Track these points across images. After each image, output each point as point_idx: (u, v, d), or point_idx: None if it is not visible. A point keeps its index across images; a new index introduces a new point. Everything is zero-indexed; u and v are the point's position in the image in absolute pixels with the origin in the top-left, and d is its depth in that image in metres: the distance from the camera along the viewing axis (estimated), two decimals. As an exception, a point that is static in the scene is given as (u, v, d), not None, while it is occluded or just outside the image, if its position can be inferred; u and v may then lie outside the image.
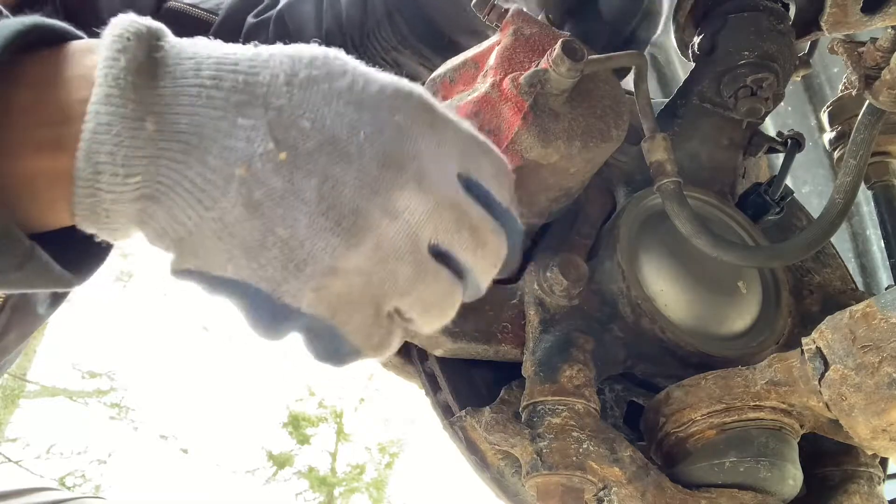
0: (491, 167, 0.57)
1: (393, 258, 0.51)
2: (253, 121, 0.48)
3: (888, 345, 0.63)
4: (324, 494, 12.75)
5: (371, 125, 0.50)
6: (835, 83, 1.88)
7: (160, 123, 0.47)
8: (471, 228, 0.54)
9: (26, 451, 10.20)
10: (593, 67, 0.77)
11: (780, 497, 0.74)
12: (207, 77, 0.49)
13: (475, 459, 0.80)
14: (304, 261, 0.49)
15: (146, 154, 0.47)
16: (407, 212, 0.51)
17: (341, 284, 0.51)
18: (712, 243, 0.82)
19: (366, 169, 0.50)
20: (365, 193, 0.50)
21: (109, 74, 0.47)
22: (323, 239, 0.49)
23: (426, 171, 0.52)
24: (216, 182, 0.48)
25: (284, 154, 0.48)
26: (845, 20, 0.76)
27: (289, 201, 0.49)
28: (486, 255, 0.56)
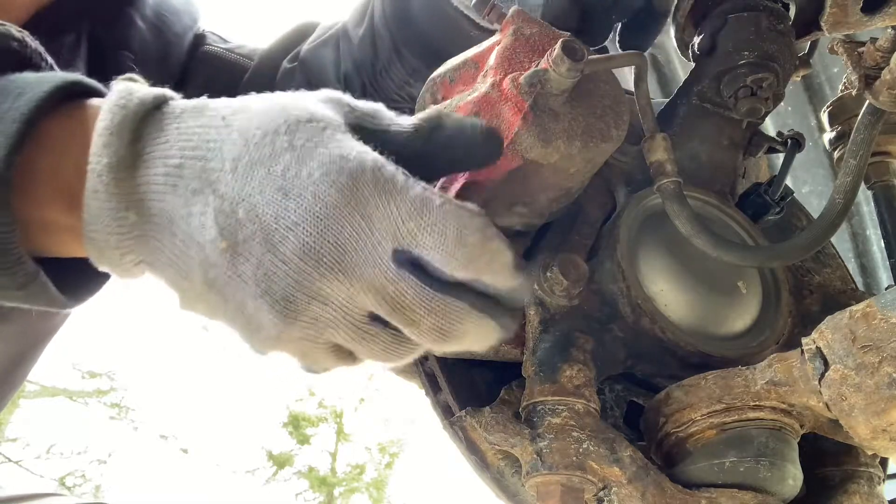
0: (430, 241, 0.55)
1: (331, 329, 0.56)
2: (202, 207, 0.54)
3: (888, 345, 0.63)
4: (324, 494, 12.75)
5: (294, 214, 0.53)
6: (835, 83, 1.89)
7: (139, 212, 0.55)
8: (398, 309, 0.55)
9: (26, 450, 10.21)
10: (593, 67, 0.77)
11: (780, 497, 0.74)
12: (173, 165, 0.55)
13: (475, 459, 0.80)
14: (256, 328, 0.56)
15: (133, 236, 0.55)
16: (332, 296, 0.54)
17: (293, 345, 0.57)
18: (712, 243, 0.82)
19: (288, 260, 0.53)
20: (290, 283, 0.54)
21: (94, 171, 0.54)
22: (265, 316, 0.55)
23: (348, 258, 0.53)
24: (184, 259, 0.55)
25: (224, 243, 0.54)
26: (845, 20, 0.76)
27: (235, 282, 0.54)
28: (423, 333, 0.56)
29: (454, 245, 0.55)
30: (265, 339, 0.56)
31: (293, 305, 0.54)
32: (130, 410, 11.53)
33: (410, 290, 0.55)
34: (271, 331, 0.55)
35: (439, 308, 0.55)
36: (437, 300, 0.55)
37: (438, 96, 0.84)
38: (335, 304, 0.55)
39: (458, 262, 0.55)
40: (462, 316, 0.56)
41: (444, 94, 0.84)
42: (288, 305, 0.54)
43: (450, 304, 0.56)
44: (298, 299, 0.54)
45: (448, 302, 0.56)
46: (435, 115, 0.62)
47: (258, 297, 0.54)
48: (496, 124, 0.76)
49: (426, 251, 0.55)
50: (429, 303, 0.55)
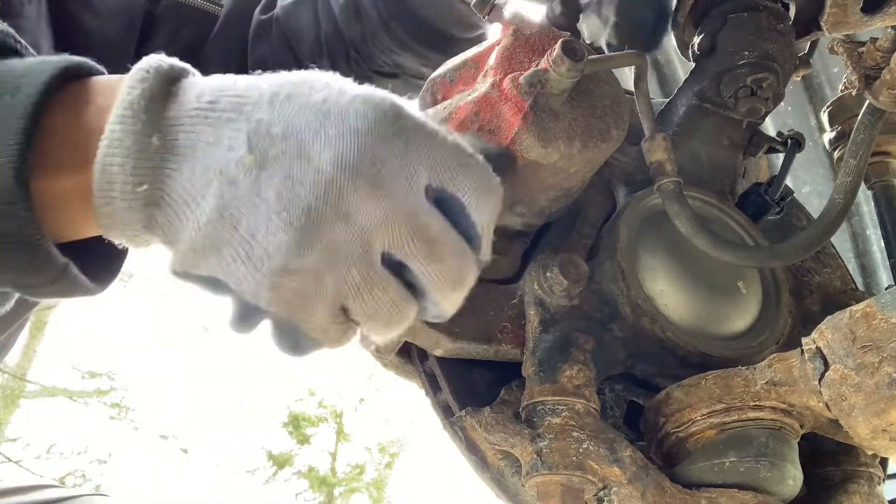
0: (470, 183, 0.56)
1: (343, 261, 0.54)
2: (235, 133, 0.54)
3: (888, 345, 0.63)
4: (324, 494, 12.75)
5: (334, 129, 0.53)
6: (835, 83, 1.88)
7: (163, 139, 0.54)
8: (427, 241, 0.54)
9: (26, 450, 10.20)
10: (593, 67, 0.77)
11: (780, 497, 0.74)
12: (206, 102, 0.55)
13: (475, 459, 0.80)
14: (260, 258, 0.53)
15: (151, 165, 0.54)
16: (359, 215, 0.53)
17: (295, 284, 0.53)
18: (712, 243, 0.82)
19: (322, 169, 0.52)
20: (318, 193, 0.52)
21: (125, 100, 0.54)
22: (277, 237, 0.52)
23: (384, 176, 0.53)
24: (198, 187, 0.54)
25: (251, 157, 0.53)
26: (845, 20, 0.76)
27: (251, 200, 0.53)
28: (443, 274, 0.56)
29: (487, 190, 0.57)
30: (266, 273, 0.53)
31: (314, 220, 0.52)
32: (130, 410, 11.53)
33: (439, 224, 0.55)
34: (278, 258, 0.52)
35: (462, 251, 0.56)
36: (460, 244, 0.56)
37: (439, 96, 0.84)
38: (357, 230, 0.53)
39: (488, 205, 0.57)
40: (472, 265, 0.57)
41: (444, 94, 0.84)
42: (310, 221, 0.52)
43: (468, 252, 0.57)
44: (322, 212, 0.52)
45: (467, 248, 0.57)
46: None
47: (278, 212, 0.52)
48: (496, 124, 0.76)
49: (462, 191, 0.55)
50: (454, 241, 0.56)
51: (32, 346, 10.08)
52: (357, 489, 13.01)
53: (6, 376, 9.86)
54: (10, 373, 9.72)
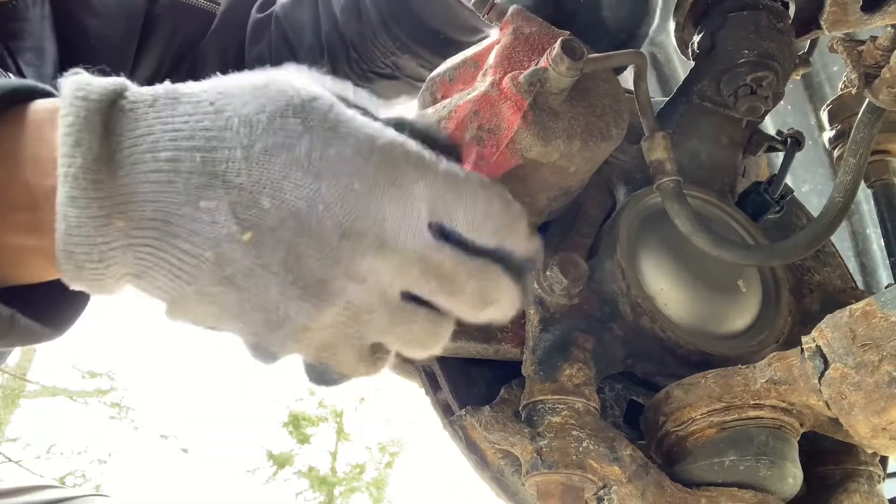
0: (466, 211, 0.55)
1: (365, 312, 0.53)
2: (215, 202, 0.49)
3: (888, 343, 0.63)
4: (324, 494, 12.75)
5: (329, 195, 0.50)
6: (834, 82, 1.88)
7: (127, 217, 0.49)
8: (441, 278, 0.54)
9: (26, 450, 10.21)
10: (593, 66, 0.77)
11: (780, 496, 0.74)
12: (165, 160, 0.49)
13: (475, 458, 0.80)
14: (280, 321, 0.52)
15: (120, 245, 0.50)
16: (371, 275, 0.52)
17: (319, 337, 0.53)
18: (712, 242, 0.82)
19: (326, 241, 0.50)
20: (328, 264, 0.51)
21: (69, 174, 0.48)
22: (294, 304, 0.51)
23: (388, 233, 0.52)
24: (190, 262, 0.50)
25: (248, 235, 0.50)
26: (845, 18, 0.76)
27: (258, 274, 0.51)
28: (466, 301, 0.56)
29: (484, 215, 0.56)
30: (290, 332, 0.52)
31: (328, 288, 0.51)
32: (130, 410, 11.53)
33: (450, 258, 0.54)
34: (299, 320, 0.52)
35: (478, 272, 0.55)
36: (475, 265, 0.55)
37: (438, 95, 0.84)
38: (372, 285, 0.53)
39: (487, 230, 0.56)
40: (498, 279, 0.56)
41: (443, 93, 0.84)
42: (323, 289, 0.51)
43: (487, 268, 0.56)
44: (335, 280, 0.51)
45: (485, 265, 0.56)
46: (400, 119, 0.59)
47: (287, 284, 0.51)
48: (496, 123, 0.76)
49: (459, 222, 0.55)
50: (468, 268, 0.55)
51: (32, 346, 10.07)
52: (357, 489, 13.01)
53: (6, 376, 9.85)
54: (10, 372, 9.72)
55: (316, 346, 0.54)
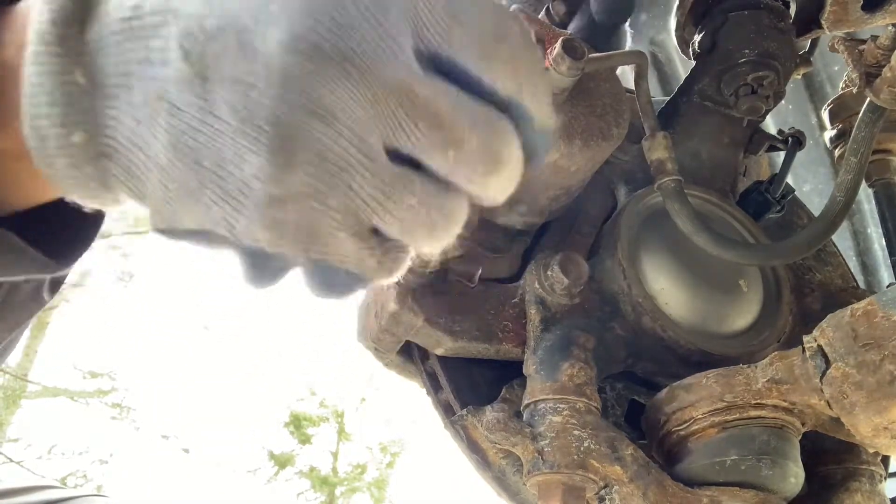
0: (467, 38, 0.41)
1: (340, 171, 0.40)
2: (162, 40, 0.41)
3: (889, 342, 0.63)
4: (325, 494, 12.76)
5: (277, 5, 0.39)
6: (836, 81, 1.88)
7: (88, 73, 0.43)
8: (434, 122, 0.41)
9: (28, 451, 10.21)
10: (594, 66, 0.77)
11: (781, 495, 0.74)
12: (130, 7, 0.42)
13: (477, 458, 0.80)
14: (238, 193, 0.41)
15: (83, 108, 0.43)
16: (341, 111, 0.40)
17: (294, 214, 0.41)
18: (713, 241, 0.82)
19: (274, 62, 0.39)
20: (276, 91, 0.39)
21: (37, 31, 0.42)
22: (249, 163, 0.40)
23: (355, 49, 0.39)
24: (144, 123, 0.42)
25: (189, 67, 0.40)
26: (846, 18, 0.76)
27: (207, 122, 0.41)
28: (468, 159, 0.42)
29: (495, 41, 0.42)
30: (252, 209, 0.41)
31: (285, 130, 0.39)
32: (131, 410, 11.53)
33: (447, 94, 0.41)
34: (261, 190, 0.40)
35: (486, 121, 0.42)
36: (481, 110, 0.42)
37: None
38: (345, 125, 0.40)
39: (500, 67, 0.42)
40: (508, 135, 0.43)
41: (444, 93, 0.84)
42: (279, 132, 0.39)
43: (498, 119, 0.42)
44: (292, 118, 0.39)
45: (496, 116, 0.42)
46: None
47: (238, 134, 0.40)
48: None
49: (461, 50, 0.41)
50: (472, 113, 0.41)
51: (33, 346, 10.08)
52: (358, 489, 13.01)
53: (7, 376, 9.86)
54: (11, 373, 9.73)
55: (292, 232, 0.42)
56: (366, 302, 0.85)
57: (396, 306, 0.78)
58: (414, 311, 0.78)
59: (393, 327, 0.80)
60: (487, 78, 0.42)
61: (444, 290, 0.80)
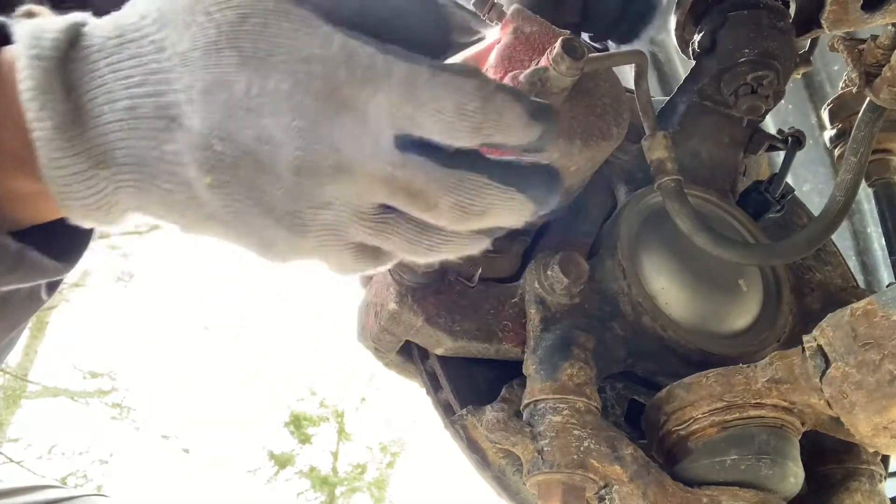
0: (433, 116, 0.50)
1: (344, 229, 0.53)
2: (176, 146, 0.50)
3: (889, 342, 0.63)
4: (325, 494, 12.76)
5: (275, 132, 0.49)
6: (835, 81, 1.88)
7: (107, 164, 0.51)
8: (412, 195, 0.51)
9: (28, 451, 10.21)
10: (593, 65, 0.77)
11: (781, 495, 0.74)
12: (123, 108, 0.50)
13: (476, 458, 0.80)
14: (269, 244, 0.54)
15: (112, 189, 0.51)
16: (337, 198, 0.51)
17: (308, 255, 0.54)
18: (713, 241, 0.82)
19: (282, 177, 0.50)
20: (290, 199, 0.51)
21: (43, 138, 0.49)
22: (275, 233, 0.52)
23: (345, 160, 0.50)
24: (174, 200, 0.52)
25: (209, 178, 0.50)
26: (846, 17, 0.76)
27: (234, 210, 0.51)
28: (442, 216, 0.52)
29: (455, 118, 0.50)
30: (280, 253, 0.54)
31: (300, 219, 0.52)
32: (132, 410, 11.53)
33: (420, 172, 0.50)
34: (284, 245, 0.53)
35: (455, 183, 0.51)
36: (450, 176, 0.51)
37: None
38: (342, 205, 0.52)
39: (461, 133, 0.51)
40: (481, 188, 0.52)
41: (444, 93, 0.84)
42: (295, 220, 0.52)
43: (466, 178, 0.51)
44: (302, 212, 0.51)
45: (463, 175, 0.51)
46: None
47: (262, 217, 0.51)
48: (496, 123, 0.76)
49: (427, 132, 0.50)
50: (443, 180, 0.51)
51: (34, 346, 10.08)
52: (358, 489, 13.01)
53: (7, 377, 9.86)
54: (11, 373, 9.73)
55: (313, 259, 0.55)
56: (365, 302, 0.86)
57: (396, 306, 0.78)
58: (414, 311, 0.78)
59: (393, 327, 0.80)
60: (457, 143, 0.51)
61: (444, 290, 0.80)
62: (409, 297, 0.78)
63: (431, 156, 0.51)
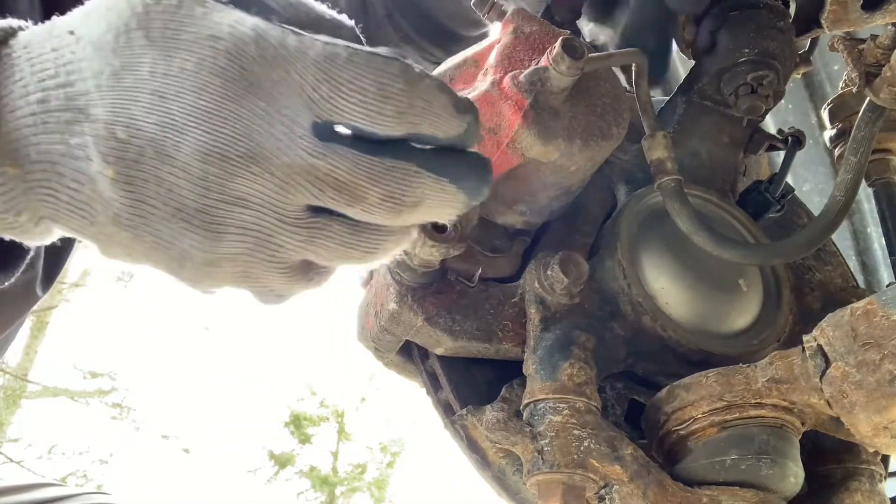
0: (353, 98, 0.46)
1: (266, 236, 0.48)
2: (80, 138, 0.47)
3: (889, 342, 0.63)
4: (325, 494, 12.75)
5: (181, 116, 0.45)
6: (835, 80, 1.88)
7: (16, 163, 0.48)
8: (335, 186, 0.47)
9: (28, 451, 10.21)
10: (593, 65, 0.77)
11: (781, 495, 0.74)
12: (36, 101, 0.47)
13: (476, 458, 0.80)
14: (181, 257, 0.48)
15: (21, 190, 0.48)
16: (253, 195, 0.47)
17: (228, 269, 0.49)
18: (713, 241, 0.82)
19: (189, 166, 0.46)
20: (199, 192, 0.46)
21: None
22: (186, 237, 0.47)
23: (257, 148, 0.46)
24: (83, 201, 0.48)
25: (111, 170, 0.46)
26: (846, 17, 0.76)
27: (140, 211, 0.47)
28: (373, 209, 0.48)
29: (378, 100, 0.46)
30: (198, 268, 0.48)
31: (211, 216, 0.47)
32: (132, 410, 11.53)
33: (344, 161, 0.46)
34: (199, 256, 0.47)
35: (383, 173, 0.47)
36: (378, 165, 0.47)
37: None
38: (262, 204, 0.47)
39: (386, 119, 0.47)
40: (412, 178, 0.48)
41: (444, 93, 0.84)
42: (206, 219, 0.46)
43: (395, 167, 0.47)
44: (215, 208, 0.46)
45: (392, 164, 0.47)
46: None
47: (171, 218, 0.46)
48: (496, 122, 0.76)
49: (348, 115, 0.46)
50: (370, 169, 0.47)
51: (33, 346, 10.08)
52: (358, 489, 13.01)
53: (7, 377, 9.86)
54: (11, 373, 9.73)
55: (229, 279, 0.49)
56: (365, 302, 0.86)
57: (396, 306, 0.78)
58: (414, 311, 0.78)
59: (392, 327, 0.80)
60: (379, 130, 0.47)
61: (444, 289, 0.80)
62: (409, 297, 0.78)
63: (356, 146, 0.47)
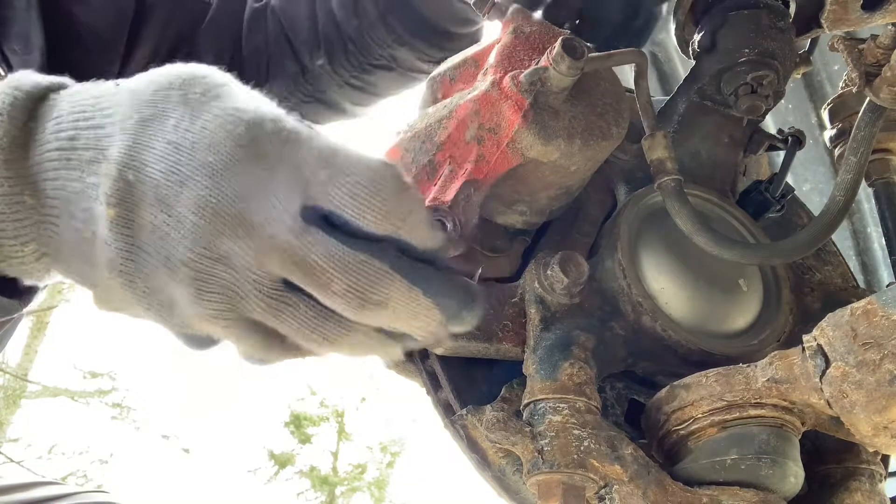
0: (345, 191, 0.49)
1: (241, 298, 0.50)
2: (96, 178, 0.49)
3: (889, 342, 0.63)
4: (325, 494, 12.76)
5: (187, 168, 0.48)
6: (835, 80, 1.88)
7: (35, 194, 0.50)
8: (304, 269, 0.49)
9: (28, 451, 10.21)
10: (593, 65, 0.77)
11: (781, 495, 0.74)
12: (66, 138, 0.50)
13: (476, 458, 0.80)
14: (169, 305, 0.51)
15: (33, 222, 0.51)
16: (234, 257, 0.49)
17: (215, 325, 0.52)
18: (713, 241, 0.82)
19: (183, 217, 0.48)
20: (187, 244, 0.49)
21: None
22: (173, 288, 0.50)
23: (248, 213, 0.48)
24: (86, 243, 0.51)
25: (112, 211, 0.49)
26: (846, 17, 0.76)
27: (133, 257, 0.50)
28: (337, 295, 0.50)
29: (368, 195, 0.49)
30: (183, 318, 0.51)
31: (194, 270, 0.49)
32: (132, 410, 11.54)
33: (320, 246, 0.49)
34: (184, 306, 0.50)
35: (354, 267, 0.49)
36: (350, 257, 0.49)
37: (439, 95, 0.84)
38: (241, 268, 0.49)
39: (373, 213, 0.49)
40: (381, 277, 0.50)
41: (444, 93, 0.84)
42: (189, 272, 0.49)
43: (367, 263, 0.49)
44: (198, 261, 0.48)
45: (364, 260, 0.49)
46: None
47: (160, 266, 0.49)
48: (496, 122, 0.76)
49: (338, 204, 0.49)
50: (341, 259, 0.49)
51: (34, 346, 10.08)
52: (358, 488, 13.02)
53: (7, 376, 9.86)
54: (11, 373, 9.73)
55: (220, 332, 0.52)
56: (366, 301, 0.85)
57: (396, 306, 0.78)
58: (414, 311, 0.78)
59: (393, 327, 0.80)
60: (364, 225, 0.50)
61: (443, 289, 0.80)
62: (409, 296, 0.78)
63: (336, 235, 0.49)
